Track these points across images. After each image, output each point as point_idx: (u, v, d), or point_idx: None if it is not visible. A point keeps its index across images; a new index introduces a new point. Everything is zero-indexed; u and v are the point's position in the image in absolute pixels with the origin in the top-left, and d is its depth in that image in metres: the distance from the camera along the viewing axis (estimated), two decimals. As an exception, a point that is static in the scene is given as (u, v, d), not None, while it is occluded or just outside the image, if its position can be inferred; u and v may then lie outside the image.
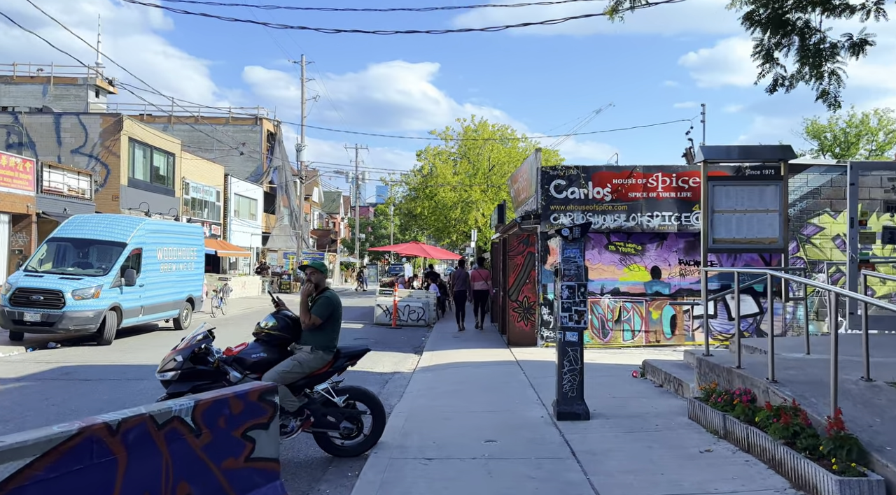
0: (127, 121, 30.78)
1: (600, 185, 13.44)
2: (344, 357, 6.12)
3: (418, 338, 16.49)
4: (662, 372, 8.92)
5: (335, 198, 75.10)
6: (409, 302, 20.16)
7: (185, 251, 17.78)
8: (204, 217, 37.92)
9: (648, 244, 13.42)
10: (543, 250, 13.49)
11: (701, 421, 6.54)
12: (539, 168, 13.54)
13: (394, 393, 9.32)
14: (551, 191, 13.48)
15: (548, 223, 13.46)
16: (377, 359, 12.65)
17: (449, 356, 12.74)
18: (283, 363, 5.78)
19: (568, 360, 7.10)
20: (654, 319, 13.36)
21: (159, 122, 45.44)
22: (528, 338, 13.83)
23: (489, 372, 10.43)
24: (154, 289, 15.98)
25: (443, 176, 39.73)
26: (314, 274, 6.11)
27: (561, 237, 7.17)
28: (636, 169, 13.45)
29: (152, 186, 32.39)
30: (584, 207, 13.43)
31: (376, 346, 14.70)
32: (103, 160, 30.09)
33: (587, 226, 7.24)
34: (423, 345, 14.90)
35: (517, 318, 14.06)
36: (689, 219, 13.32)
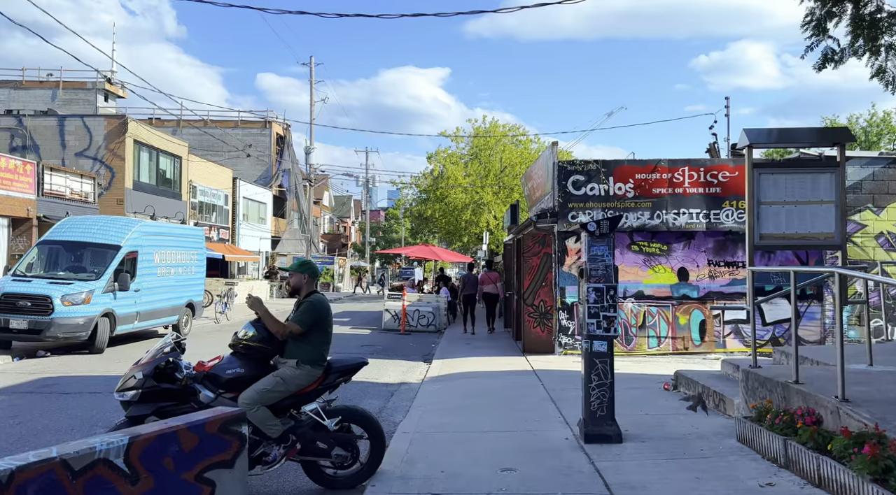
0: (132, 123, 30.21)
1: (622, 181, 12.50)
2: (336, 372, 5.24)
3: (428, 345, 15.60)
4: (699, 384, 7.96)
5: (345, 202, 74.48)
6: (419, 306, 19.28)
7: (184, 254, 17.02)
8: (212, 221, 37.31)
9: (675, 244, 12.46)
10: (561, 251, 12.57)
11: (754, 446, 5.60)
12: (556, 163, 12.63)
13: (399, 408, 8.43)
14: (569, 187, 12.57)
15: (565, 222, 12.54)
16: (383, 369, 11.78)
17: (460, 365, 11.84)
18: (264, 380, 4.91)
19: (596, 374, 6.18)
20: (682, 325, 12.38)
21: (168, 126, 45.00)
22: (545, 345, 12.90)
23: (504, 384, 9.52)
24: (151, 293, 15.21)
25: (454, 177, 38.88)
26: (293, 275, 5.24)
27: (587, 233, 6.26)
28: (661, 163, 12.50)
29: (158, 190, 31.78)
30: (604, 205, 12.49)
31: (383, 354, 13.82)
32: (108, 163, 29.52)
33: (616, 219, 6.33)
34: (433, 353, 14.01)
35: (533, 324, 13.14)
36: (718, 216, 12.34)
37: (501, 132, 40.44)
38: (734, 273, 12.39)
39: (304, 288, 5.23)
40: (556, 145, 12.70)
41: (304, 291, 5.23)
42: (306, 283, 5.23)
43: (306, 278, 5.23)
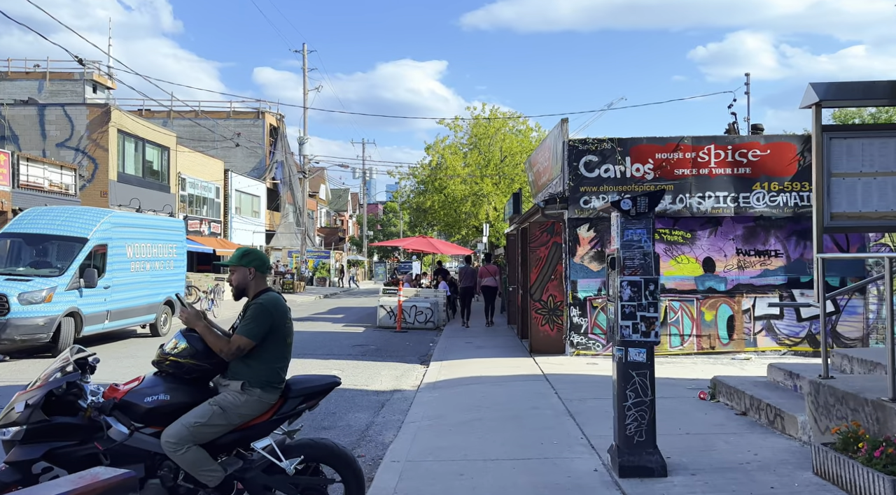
0: (115, 112, 28.86)
1: (640, 161, 11.21)
2: (298, 396, 3.95)
3: (425, 344, 14.34)
4: (745, 395, 6.70)
5: (342, 195, 73.14)
6: (416, 302, 18.02)
7: (162, 247, 15.73)
8: (203, 214, 36.02)
9: (699, 231, 11.18)
10: (572, 240, 11.29)
11: (842, 484, 4.34)
12: (566, 142, 11.33)
13: (390, 424, 7.17)
14: (581, 169, 11.27)
15: (577, 207, 11.26)
16: (375, 373, 10.52)
17: (461, 368, 10.58)
18: (197, 410, 3.63)
19: (633, 389, 4.90)
20: (708, 321, 11.12)
21: (158, 117, 43.71)
22: (555, 344, 11.64)
23: (512, 393, 8.25)
24: (123, 290, 13.93)
25: (452, 167, 37.54)
26: (233, 271, 3.94)
27: (619, 212, 4.98)
28: (683, 140, 11.21)
29: (145, 182, 30.47)
30: (620, 188, 11.20)
31: (376, 355, 12.56)
32: (90, 154, 28.22)
33: (657, 196, 5.04)
34: (431, 353, 12.76)
35: (541, 321, 11.88)
36: (748, 200, 11.06)
37: (501, 120, 39.05)
38: (766, 263, 11.11)
39: (252, 286, 3.93)
40: (566, 123, 11.40)
41: (251, 290, 3.93)
42: (253, 280, 3.93)
43: (252, 273, 3.93)
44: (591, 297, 11.21)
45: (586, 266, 11.25)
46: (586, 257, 11.26)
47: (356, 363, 11.49)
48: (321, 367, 10.93)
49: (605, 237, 11.23)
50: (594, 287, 11.22)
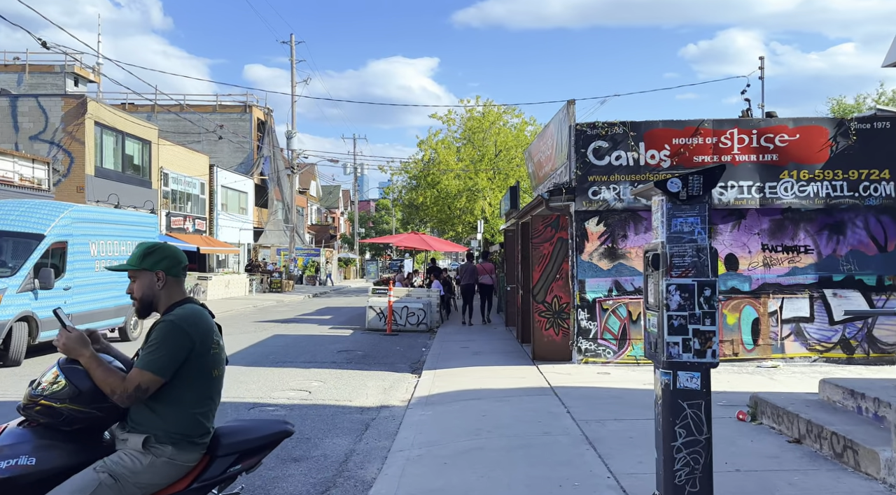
0: (92, 103, 27.55)
1: (655, 147, 10.09)
2: (229, 453, 2.77)
3: (417, 349, 13.19)
4: (797, 418, 5.58)
5: (332, 191, 71.84)
6: (408, 302, 16.87)
7: (130, 245, 14.48)
8: (187, 211, 34.74)
9: (721, 224, 10.08)
10: (580, 235, 10.16)
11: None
12: (573, 126, 10.20)
13: (373, 454, 6.02)
14: (589, 156, 10.15)
15: (585, 199, 10.13)
16: (360, 384, 9.36)
17: (457, 378, 9.45)
18: (76, 480, 2.47)
19: (684, 426, 3.77)
20: (730, 325, 10.02)
21: (142, 111, 42.43)
22: (561, 351, 10.52)
23: (517, 412, 7.11)
24: (86, 292, 12.72)
25: (445, 162, 36.38)
26: (135, 278, 2.76)
27: (666, 195, 3.85)
28: (703, 124, 10.09)
29: (125, 177, 29.18)
30: (633, 176, 10.09)
31: (363, 362, 11.40)
32: (66, 147, 26.91)
33: (715, 172, 3.91)
34: (424, 359, 11.61)
35: (545, 325, 10.75)
36: (775, 190, 9.96)
37: (496, 114, 37.90)
38: (794, 260, 10.02)
39: (161, 297, 2.75)
40: (573, 105, 10.26)
41: (160, 303, 2.75)
42: (164, 288, 2.75)
43: (162, 278, 2.75)
44: (600, 299, 10.10)
45: (595, 264, 10.13)
46: (595, 254, 10.14)
47: (340, 372, 10.34)
48: (299, 377, 9.77)
49: (616, 232, 10.12)
50: (604, 287, 10.10)
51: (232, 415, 7.39)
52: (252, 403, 8.07)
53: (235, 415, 7.40)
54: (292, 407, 7.93)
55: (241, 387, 9.02)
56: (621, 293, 10.07)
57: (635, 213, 10.10)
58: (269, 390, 8.89)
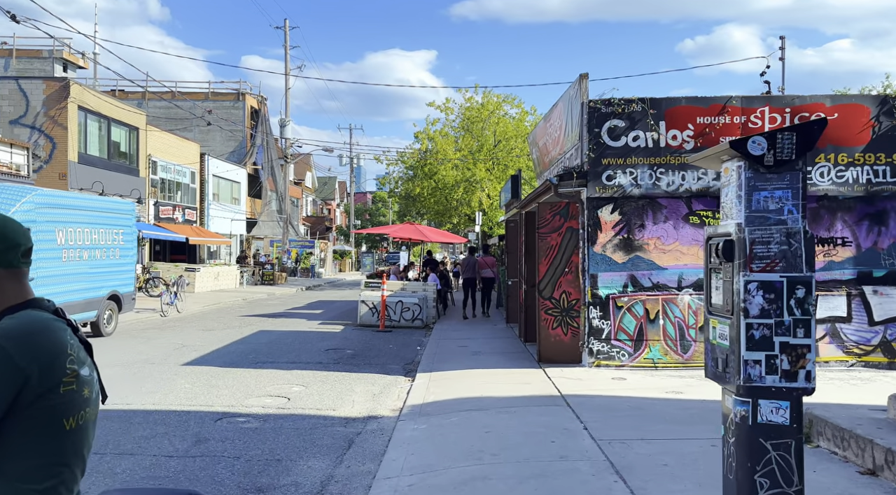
0: (75, 87, 26.45)
1: (677, 126, 9.07)
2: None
3: (412, 348, 12.19)
4: (871, 444, 4.59)
5: (327, 182, 70.71)
6: (403, 297, 15.86)
7: (105, 233, 13.47)
8: (177, 200, 33.67)
9: (749, 213, 9.08)
10: (592, 224, 9.16)
11: None
12: (586, 103, 9.16)
13: (355, 481, 5.02)
14: (603, 136, 9.12)
15: (598, 184, 9.12)
16: (346, 389, 8.36)
17: (455, 383, 8.45)
18: None
19: (767, 473, 2.78)
20: (758, 325, 9.04)
21: (133, 98, 41.29)
22: (569, 352, 9.53)
23: (526, 427, 6.11)
24: (51, 283, 11.68)
25: (443, 152, 35.30)
26: None
27: (745, 160, 2.84)
28: (731, 101, 9.07)
29: (110, 164, 28.08)
30: (653, 159, 9.07)
31: (351, 363, 10.39)
32: (48, 132, 25.82)
33: (815, 127, 2.90)
34: (418, 360, 10.61)
35: (552, 324, 9.75)
36: (809, 175, 8.96)
37: (495, 103, 36.81)
38: (830, 253, 9.03)
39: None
40: (586, 79, 9.22)
41: None
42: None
43: None
44: (614, 295, 9.10)
45: (609, 256, 9.12)
46: (609, 246, 9.13)
47: (325, 375, 9.33)
48: (280, 380, 8.76)
49: (632, 221, 9.10)
50: (619, 282, 9.10)
51: (195, 429, 6.39)
52: (221, 413, 7.06)
53: (199, 429, 6.39)
54: (266, 417, 6.92)
55: (212, 393, 8.01)
56: (638, 289, 9.07)
57: (654, 201, 9.09)
58: (244, 396, 7.89)
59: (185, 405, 7.39)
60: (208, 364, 10.09)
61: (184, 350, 11.48)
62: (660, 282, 9.04)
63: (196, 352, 11.27)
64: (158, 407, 7.24)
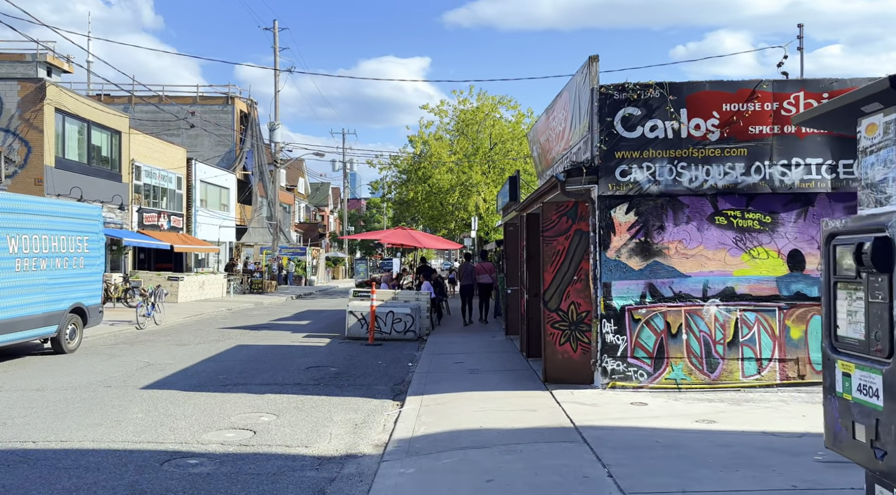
0: (52, 88, 25.30)
1: (701, 115, 8.00)
2: None
3: (403, 364, 11.05)
4: None
5: (320, 188, 69.58)
6: (394, 307, 14.73)
7: (66, 240, 12.32)
8: (162, 207, 32.48)
9: (783, 213, 8.00)
10: (604, 226, 8.06)
11: None
12: (596, 88, 8.08)
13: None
14: (617, 126, 8.04)
15: (611, 181, 8.03)
16: (324, 418, 7.22)
17: (450, 409, 7.33)
18: None
19: None
20: (795, 339, 7.94)
21: (119, 103, 40.13)
22: (580, 371, 8.41)
23: (536, 474, 4.99)
24: (4, 296, 10.54)
25: (437, 155, 34.24)
26: None
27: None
28: (761, 85, 8.01)
29: (91, 169, 26.91)
30: (673, 152, 8.00)
31: (333, 384, 9.24)
32: (22, 136, 24.64)
33: None
34: (410, 379, 9.48)
35: (559, 338, 8.63)
36: (851, 169, 7.90)
37: (490, 105, 35.78)
38: None
39: None
40: (596, 62, 8.14)
41: None
42: None
43: None
44: (630, 306, 7.99)
45: (624, 262, 8.03)
46: (624, 250, 8.03)
47: (302, 400, 8.19)
48: (249, 407, 7.61)
49: (650, 222, 8.01)
50: (635, 292, 8.00)
51: (132, 477, 5.24)
52: (170, 453, 5.91)
53: (137, 477, 5.24)
54: (224, 458, 5.78)
55: (166, 425, 6.86)
56: (657, 299, 7.97)
57: (674, 199, 8.00)
58: (202, 429, 6.74)
59: (131, 442, 6.24)
60: (171, 387, 8.93)
61: (148, 369, 10.33)
62: (682, 292, 7.94)
63: (161, 371, 10.12)
64: (98, 446, 6.09)
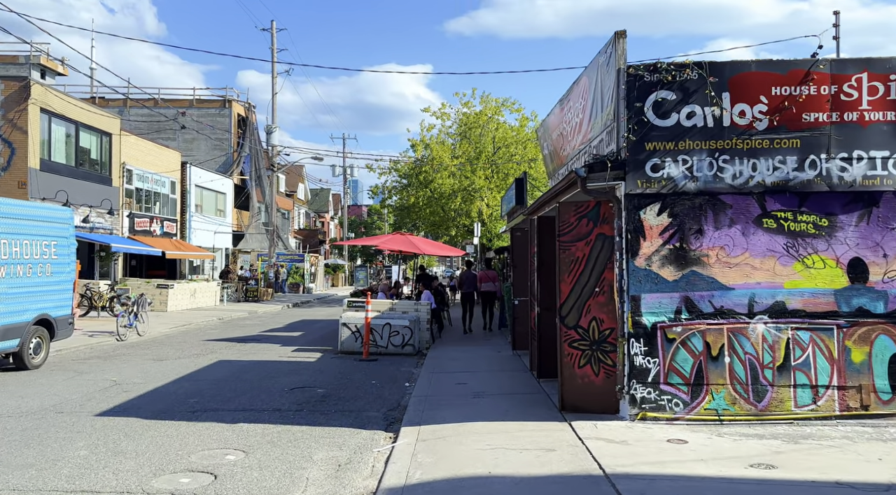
0: (37, 87, 24.28)
1: (746, 100, 6.85)
2: None
3: (399, 384, 9.87)
4: None
5: (319, 194, 68.51)
6: (391, 318, 13.57)
7: (29, 246, 11.19)
8: (155, 212, 31.39)
9: (842, 215, 6.84)
10: (632, 230, 6.90)
11: None
12: (623, 69, 6.94)
13: None
14: (647, 113, 6.90)
15: (640, 177, 6.88)
16: (301, 456, 6.03)
17: (452, 448, 6.16)
18: None
19: None
20: (857, 363, 6.76)
21: (114, 106, 39.13)
22: (603, 399, 7.23)
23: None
24: (-48, 308, 9.41)
25: (439, 159, 33.11)
26: None
27: None
28: (817, 65, 6.86)
29: (79, 172, 25.86)
30: (713, 143, 6.85)
31: (318, 411, 8.04)
32: (5, 136, 23.58)
33: None
34: (406, 403, 8.30)
35: (578, 360, 7.45)
36: (923, 163, 6.74)
37: (493, 107, 34.68)
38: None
39: None
40: (623, 39, 7.00)
41: None
42: None
43: None
44: (663, 324, 6.83)
45: (656, 272, 6.87)
46: (656, 258, 6.88)
47: (279, 431, 7.01)
48: (214, 441, 6.43)
49: (686, 225, 6.86)
50: (669, 306, 6.84)
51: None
52: (102, 509, 4.75)
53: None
54: (168, 517, 4.62)
55: (110, 466, 5.69)
56: (695, 315, 6.81)
57: (715, 198, 6.85)
58: (153, 471, 5.57)
59: (62, 491, 5.08)
60: (132, 412, 7.77)
61: (113, 390, 9.17)
62: (724, 307, 6.78)
63: (126, 393, 8.95)
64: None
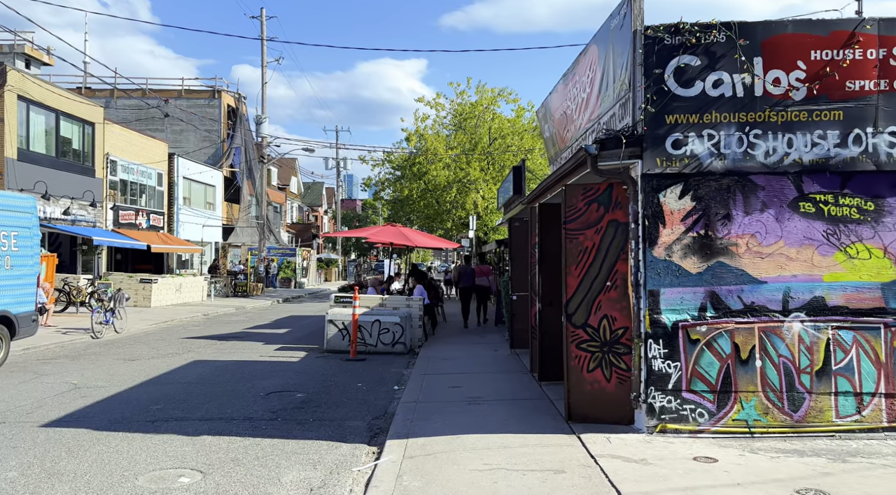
0: (14, 73, 23.24)
1: (781, 65, 5.98)
2: None
3: (387, 387, 9.00)
4: None
5: (311, 187, 67.49)
6: (381, 315, 12.70)
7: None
8: (140, 204, 30.42)
9: (890, 198, 5.98)
10: (650, 215, 6.04)
11: None
12: (640, 31, 6.05)
13: None
14: (668, 81, 6.02)
15: (659, 154, 6.01)
16: (268, 477, 5.15)
17: (444, 468, 5.29)
18: None
19: None
20: (907, 367, 5.92)
21: (100, 96, 38.13)
22: (616, 407, 6.37)
23: None
24: None
25: (434, 150, 32.19)
26: None
27: None
28: (863, 25, 5.98)
29: (59, 162, 24.88)
30: (743, 115, 5.98)
31: (294, 419, 7.15)
32: (-19, 125, 22.56)
33: None
34: (393, 410, 7.44)
35: (587, 364, 6.59)
36: (983, 138, 5.88)
37: (490, 97, 33.75)
38: None
39: None
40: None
41: None
42: None
43: None
44: (686, 323, 5.97)
45: (677, 264, 6.01)
46: (677, 247, 6.02)
47: (246, 445, 6.14)
48: (170, 459, 5.55)
49: (712, 210, 5.99)
50: (692, 303, 5.98)
51: None
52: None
53: None
54: (92, 564, 3.74)
55: (39, 493, 4.81)
56: (722, 313, 5.95)
57: (745, 179, 5.98)
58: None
59: (-29, 526, 4.21)
60: (84, 423, 6.89)
61: (70, 395, 8.28)
62: (755, 303, 5.93)
63: (84, 398, 8.06)
64: (-84, 535, 4.05)
